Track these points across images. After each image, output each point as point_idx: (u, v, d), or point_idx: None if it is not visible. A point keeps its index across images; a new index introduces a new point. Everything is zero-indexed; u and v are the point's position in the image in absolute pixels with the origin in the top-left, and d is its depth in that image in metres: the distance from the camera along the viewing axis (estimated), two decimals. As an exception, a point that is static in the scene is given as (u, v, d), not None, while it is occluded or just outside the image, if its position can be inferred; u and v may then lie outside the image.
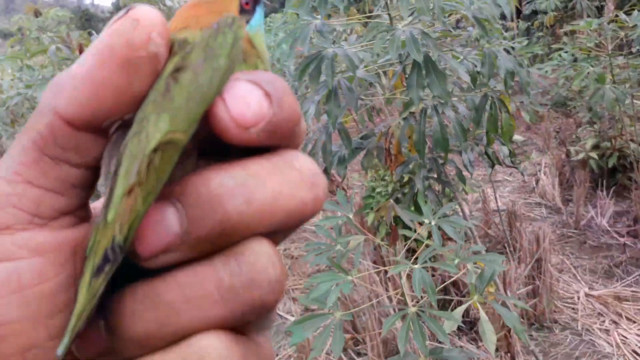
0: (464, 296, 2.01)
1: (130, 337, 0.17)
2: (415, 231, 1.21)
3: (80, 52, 1.66)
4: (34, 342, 0.17)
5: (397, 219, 1.53)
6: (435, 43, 1.08)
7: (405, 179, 1.68)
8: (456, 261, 1.13)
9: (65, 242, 0.18)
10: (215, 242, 0.17)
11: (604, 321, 2.15)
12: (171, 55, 0.17)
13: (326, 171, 1.46)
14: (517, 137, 2.02)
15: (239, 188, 0.16)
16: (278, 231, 0.18)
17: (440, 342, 1.73)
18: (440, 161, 1.44)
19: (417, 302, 1.19)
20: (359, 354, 1.99)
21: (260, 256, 0.17)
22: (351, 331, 2.04)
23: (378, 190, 2.39)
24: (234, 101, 0.16)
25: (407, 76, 1.20)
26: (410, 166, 1.55)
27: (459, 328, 2.00)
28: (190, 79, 0.16)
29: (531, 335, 2.05)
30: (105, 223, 0.16)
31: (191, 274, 0.17)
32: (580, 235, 2.85)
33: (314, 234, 3.03)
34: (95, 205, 0.20)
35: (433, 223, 1.15)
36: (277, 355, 2.13)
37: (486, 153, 1.42)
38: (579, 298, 2.30)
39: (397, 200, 1.67)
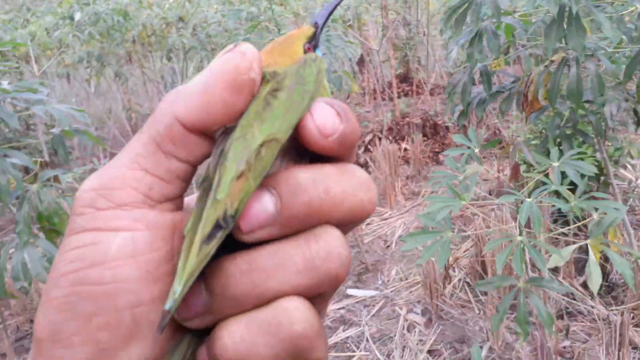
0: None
1: (229, 296, 0.20)
2: (544, 175, 1.25)
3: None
4: (141, 300, 0.20)
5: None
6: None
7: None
8: (573, 203, 1.15)
9: (168, 223, 0.22)
10: (300, 223, 0.21)
11: None
12: (263, 83, 0.22)
13: (464, 112, 1.53)
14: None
15: (320, 182, 0.21)
16: (342, 225, 0.22)
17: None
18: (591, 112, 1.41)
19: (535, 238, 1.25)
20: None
21: (334, 237, 0.21)
22: (478, 269, 2.12)
23: (533, 142, 2.34)
24: (318, 115, 0.21)
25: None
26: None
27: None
28: (287, 97, 0.22)
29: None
30: (215, 201, 0.20)
31: (281, 247, 0.21)
32: None
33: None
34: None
35: (556, 165, 1.19)
36: (406, 279, 2.31)
37: (634, 110, 1.35)
38: None
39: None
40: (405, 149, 3.57)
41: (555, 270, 1.99)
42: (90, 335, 0.20)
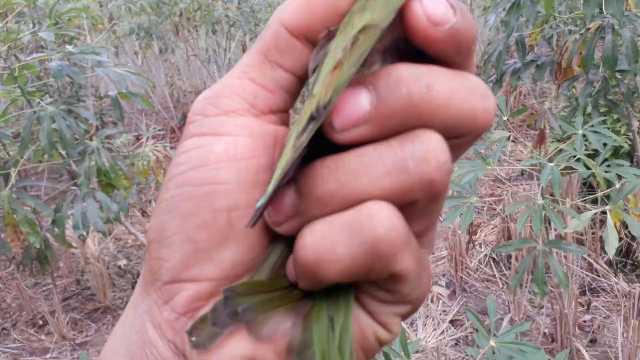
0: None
1: (315, 196, 0.20)
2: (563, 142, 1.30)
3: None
4: (237, 204, 0.21)
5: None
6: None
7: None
8: (596, 169, 1.21)
9: (270, 133, 0.22)
10: (397, 122, 0.19)
11: None
12: None
13: (498, 81, 1.58)
14: None
15: (422, 76, 0.19)
16: (448, 135, 0.19)
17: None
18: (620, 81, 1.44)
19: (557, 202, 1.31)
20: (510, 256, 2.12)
21: (433, 140, 0.19)
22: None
23: (562, 114, 2.37)
24: (427, 1, 0.19)
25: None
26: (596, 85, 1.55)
27: (616, 262, 1.98)
28: None
29: None
30: (312, 97, 0.19)
31: (372, 148, 0.19)
32: None
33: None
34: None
35: (579, 132, 1.24)
36: (433, 253, 2.38)
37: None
38: None
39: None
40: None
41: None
42: (188, 234, 0.21)
